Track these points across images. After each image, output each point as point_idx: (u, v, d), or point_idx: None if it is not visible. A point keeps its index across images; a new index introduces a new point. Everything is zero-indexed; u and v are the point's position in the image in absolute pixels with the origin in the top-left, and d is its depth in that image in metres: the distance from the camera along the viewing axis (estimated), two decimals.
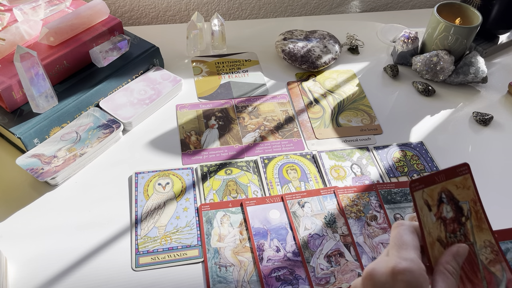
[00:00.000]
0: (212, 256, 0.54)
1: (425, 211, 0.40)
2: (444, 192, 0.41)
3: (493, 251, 0.39)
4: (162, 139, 0.68)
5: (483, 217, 0.40)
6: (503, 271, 0.39)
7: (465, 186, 0.41)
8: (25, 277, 0.51)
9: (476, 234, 0.40)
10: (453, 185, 0.41)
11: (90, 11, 0.69)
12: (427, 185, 0.40)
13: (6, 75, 0.61)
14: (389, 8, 1.04)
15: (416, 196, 0.40)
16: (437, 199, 0.40)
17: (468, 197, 0.41)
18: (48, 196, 0.60)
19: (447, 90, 0.80)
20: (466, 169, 0.41)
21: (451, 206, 0.40)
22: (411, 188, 0.41)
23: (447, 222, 0.40)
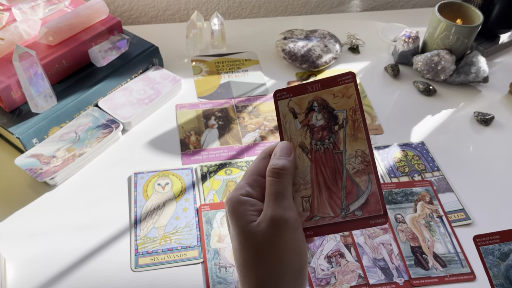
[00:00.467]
0: (212, 256, 0.54)
1: (289, 118, 0.40)
2: (316, 100, 0.40)
3: (363, 161, 0.38)
4: (162, 139, 0.68)
5: (361, 126, 0.38)
6: (369, 183, 0.37)
7: (345, 95, 0.39)
8: (24, 278, 0.51)
9: (349, 143, 0.38)
10: (330, 94, 0.39)
11: (89, 10, 0.69)
12: (296, 94, 0.40)
13: (4, 74, 0.61)
14: (390, 7, 1.04)
15: (280, 104, 0.40)
16: (306, 107, 0.40)
17: (347, 106, 0.39)
18: (47, 196, 0.59)
19: (448, 90, 0.80)
20: (349, 78, 0.39)
21: (322, 114, 0.39)
22: (275, 96, 0.40)
23: (315, 130, 0.39)
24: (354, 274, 0.53)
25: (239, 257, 0.37)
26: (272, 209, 0.36)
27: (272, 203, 0.36)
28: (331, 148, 0.39)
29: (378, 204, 0.37)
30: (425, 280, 0.53)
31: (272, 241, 0.35)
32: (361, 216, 0.37)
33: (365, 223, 0.37)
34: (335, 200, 0.38)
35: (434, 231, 0.58)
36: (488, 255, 0.40)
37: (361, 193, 0.37)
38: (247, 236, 0.36)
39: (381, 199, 0.37)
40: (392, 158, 0.67)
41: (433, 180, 0.64)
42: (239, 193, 0.38)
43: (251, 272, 0.36)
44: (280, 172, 0.37)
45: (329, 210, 0.38)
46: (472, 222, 0.59)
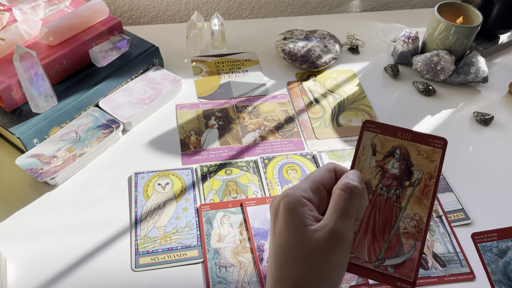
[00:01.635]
0: (212, 256, 0.54)
1: (368, 152, 0.40)
2: (400, 149, 0.39)
3: (417, 227, 0.38)
4: (162, 139, 0.68)
5: (430, 194, 0.38)
6: (412, 248, 0.38)
7: (429, 158, 0.39)
8: (24, 277, 0.51)
9: (411, 204, 0.38)
10: (416, 149, 0.39)
11: (90, 10, 0.69)
12: (384, 133, 0.40)
13: (5, 75, 0.61)
14: (389, 7, 1.04)
15: (365, 135, 0.40)
16: (388, 150, 0.39)
17: (426, 169, 0.39)
18: (47, 196, 0.60)
19: (448, 90, 0.80)
20: (441, 144, 0.39)
21: (400, 164, 0.39)
22: (363, 126, 0.40)
23: (386, 175, 0.39)
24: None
25: (283, 253, 0.37)
26: (335, 222, 0.36)
27: (336, 217, 0.36)
28: (393, 200, 0.39)
29: (412, 272, 0.37)
30: (424, 280, 0.53)
31: (326, 252, 0.35)
32: (391, 274, 0.37)
33: (393, 282, 0.37)
34: (375, 248, 0.38)
35: (434, 231, 0.58)
36: (486, 252, 0.40)
37: (402, 253, 0.38)
38: (301, 237, 0.36)
39: (416, 268, 0.37)
40: None
41: None
42: (301, 194, 0.37)
43: (293, 271, 0.36)
44: (354, 191, 0.37)
45: (366, 255, 0.38)
46: (471, 222, 0.59)
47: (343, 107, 0.75)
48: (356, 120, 0.73)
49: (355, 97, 0.77)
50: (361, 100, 0.77)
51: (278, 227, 0.38)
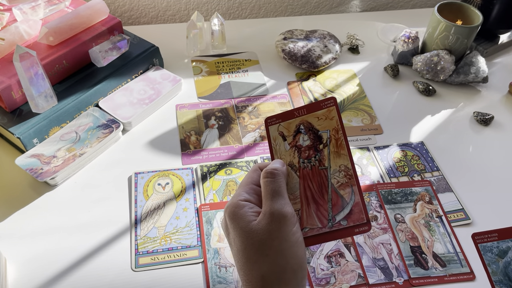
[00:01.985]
0: (212, 256, 0.54)
1: (279, 140, 0.44)
2: (303, 124, 0.43)
3: (346, 175, 0.41)
4: (162, 139, 0.68)
5: (343, 144, 0.42)
6: (352, 194, 0.40)
7: (328, 117, 0.43)
8: (24, 277, 0.51)
9: (333, 160, 0.41)
10: (315, 117, 0.43)
11: (90, 10, 0.69)
12: (284, 120, 0.44)
13: (5, 75, 0.61)
14: (389, 7, 1.04)
15: (270, 129, 0.45)
16: (294, 130, 0.43)
17: (330, 126, 0.42)
18: (47, 196, 0.59)
19: (448, 90, 0.80)
20: (331, 102, 0.43)
21: (309, 135, 0.43)
22: (266, 123, 0.45)
23: (302, 149, 0.43)
24: (354, 274, 0.53)
25: (241, 256, 0.38)
26: (270, 206, 0.38)
27: (270, 201, 0.38)
28: (317, 165, 0.42)
29: (361, 213, 0.40)
30: (424, 280, 0.53)
31: (273, 235, 0.37)
32: (346, 226, 0.40)
33: (351, 231, 0.39)
34: (322, 212, 0.40)
35: (434, 231, 0.58)
36: (486, 252, 0.40)
37: (346, 204, 0.40)
38: (249, 235, 0.37)
39: (364, 208, 0.40)
40: (391, 158, 0.67)
41: (432, 180, 0.64)
42: (238, 199, 0.40)
43: (254, 268, 0.37)
44: (274, 172, 0.40)
45: (317, 222, 0.40)
46: (471, 222, 0.59)
47: (343, 107, 0.75)
48: (356, 120, 0.73)
49: (355, 97, 0.77)
50: (361, 100, 0.77)
51: (231, 238, 0.40)
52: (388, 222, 0.58)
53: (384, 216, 0.59)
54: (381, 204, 0.60)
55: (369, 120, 0.73)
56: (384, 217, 0.59)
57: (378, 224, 0.58)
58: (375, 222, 0.58)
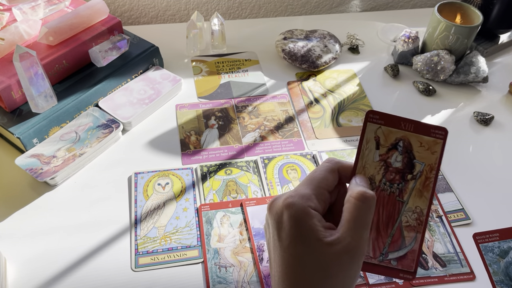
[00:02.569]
0: (212, 256, 0.54)
1: (371, 145, 0.39)
2: (403, 141, 0.39)
3: (418, 219, 0.38)
4: (162, 139, 0.68)
5: (431, 186, 0.38)
6: (414, 240, 0.38)
7: (430, 149, 0.39)
8: (24, 277, 0.51)
9: (413, 197, 0.38)
10: (418, 140, 0.39)
11: (90, 10, 0.69)
12: (387, 125, 0.39)
13: (5, 74, 0.61)
14: (389, 7, 1.04)
15: (368, 127, 0.39)
16: (391, 143, 0.39)
17: (428, 161, 0.39)
18: (47, 196, 0.59)
19: (448, 90, 0.80)
20: (442, 134, 0.39)
21: (403, 157, 0.39)
22: (367, 117, 0.39)
23: (389, 169, 0.39)
24: None
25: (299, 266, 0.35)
26: (352, 237, 0.35)
27: (353, 230, 0.35)
28: (396, 194, 0.39)
29: (413, 262, 0.38)
30: (424, 280, 0.53)
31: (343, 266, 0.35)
32: (394, 266, 0.38)
33: (395, 273, 0.38)
34: (379, 243, 0.38)
35: (434, 231, 0.58)
36: (488, 253, 0.40)
37: (404, 246, 0.38)
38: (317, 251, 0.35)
39: (417, 259, 0.38)
40: None
41: None
42: (307, 204, 0.36)
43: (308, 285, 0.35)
44: (371, 200, 0.36)
45: (371, 250, 0.38)
46: (471, 222, 0.59)
47: (343, 107, 0.75)
48: (356, 120, 0.73)
49: (355, 97, 0.77)
50: (361, 100, 0.77)
51: (285, 239, 0.36)
52: None
53: None
54: None
55: None
56: None
57: None
58: None
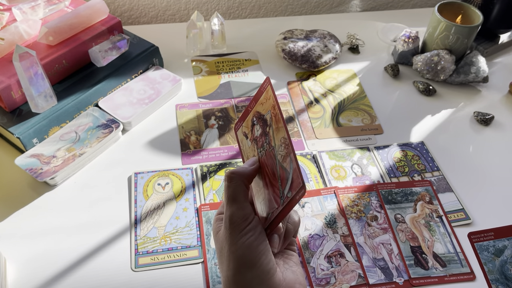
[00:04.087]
0: (212, 256, 0.54)
1: (244, 141, 0.44)
2: (254, 116, 0.43)
3: (285, 146, 0.39)
4: (162, 139, 0.68)
5: (279, 117, 0.40)
6: (290, 163, 0.38)
7: (267, 99, 0.42)
8: (24, 277, 0.51)
9: (276, 137, 0.40)
10: (260, 104, 0.43)
11: (90, 10, 0.69)
12: (244, 119, 0.44)
13: (5, 74, 0.61)
14: (389, 7, 1.04)
15: (238, 134, 0.45)
16: (250, 125, 0.44)
17: (270, 106, 0.41)
18: (47, 196, 0.59)
19: (448, 90, 0.80)
20: (266, 83, 0.42)
21: (259, 124, 0.42)
22: (235, 130, 0.46)
23: (257, 140, 0.42)
24: (354, 274, 0.53)
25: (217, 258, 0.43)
26: (226, 212, 0.40)
27: (228, 207, 0.40)
28: (268, 148, 0.41)
29: (298, 178, 0.37)
30: (424, 280, 0.53)
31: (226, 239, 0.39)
32: (291, 196, 0.38)
33: (294, 201, 0.38)
34: (276, 193, 0.39)
35: (434, 231, 0.58)
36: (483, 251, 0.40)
37: (288, 174, 0.38)
38: (216, 242, 0.42)
39: (299, 173, 0.37)
40: (392, 158, 0.67)
41: (432, 180, 0.64)
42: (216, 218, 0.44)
43: (221, 272, 0.40)
44: (231, 176, 0.40)
45: (274, 203, 0.39)
46: (471, 222, 0.59)
47: (343, 107, 0.75)
48: (356, 120, 0.73)
49: (355, 97, 0.77)
50: (361, 100, 0.77)
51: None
52: (388, 222, 0.58)
53: (384, 216, 0.59)
54: (381, 204, 0.60)
55: (369, 120, 0.73)
56: (384, 217, 0.59)
57: (378, 224, 0.58)
58: (375, 222, 0.58)
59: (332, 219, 0.58)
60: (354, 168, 0.65)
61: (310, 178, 0.64)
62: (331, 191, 0.61)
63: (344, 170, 0.65)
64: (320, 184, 0.63)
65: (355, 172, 0.65)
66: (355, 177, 0.64)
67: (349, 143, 0.69)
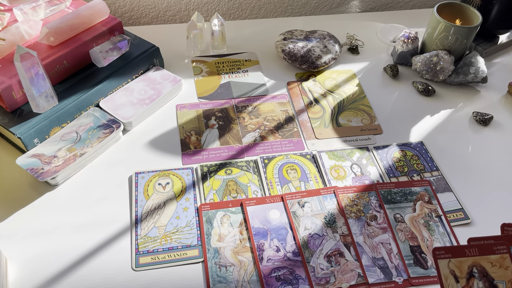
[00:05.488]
0: (212, 256, 0.54)
1: (451, 281, 0.40)
2: (476, 266, 0.40)
3: None
4: (162, 139, 0.68)
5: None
6: None
7: (502, 265, 0.40)
8: (25, 277, 0.51)
9: None
10: (488, 261, 0.40)
11: (90, 11, 0.70)
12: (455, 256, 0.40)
13: (6, 75, 0.61)
14: (389, 8, 1.04)
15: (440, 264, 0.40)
16: (467, 272, 0.40)
17: (506, 277, 0.39)
18: (48, 196, 0.60)
19: (447, 90, 0.80)
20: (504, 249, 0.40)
21: (483, 282, 0.39)
22: (434, 255, 0.40)
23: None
24: (354, 273, 0.54)
25: None
26: None
27: None
28: None
29: None
30: (424, 279, 0.53)
31: None
32: None
33: None
34: None
35: (433, 231, 0.58)
36: None
37: None
38: None
39: None
40: (391, 158, 0.67)
41: (432, 180, 0.64)
42: None
43: None
44: None
45: None
46: (470, 222, 0.60)
47: (343, 107, 0.76)
48: (355, 120, 0.73)
49: (354, 97, 0.78)
50: (360, 100, 0.77)
51: None
52: (387, 221, 0.59)
53: (384, 215, 0.59)
54: (380, 204, 0.60)
55: (368, 120, 0.73)
56: (384, 216, 0.59)
57: (377, 224, 0.58)
58: (374, 221, 0.59)
59: (332, 218, 0.59)
60: (354, 168, 0.66)
61: (310, 178, 0.64)
62: (331, 191, 0.62)
63: (343, 170, 0.65)
64: (319, 184, 0.63)
65: (354, 172, 0.65)
66: (355, 177, 0.64)
67: (349, 143, 0.70)
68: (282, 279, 0.52)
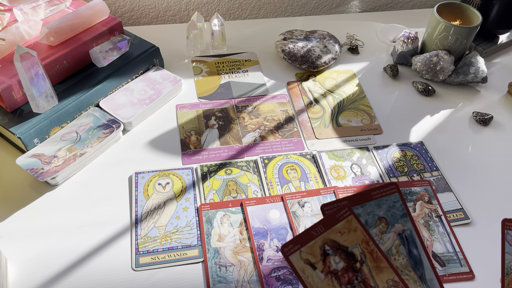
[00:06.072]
0: (212, 256, 0.54)
1: (308, 271, 0.37)
2: (327, 243, 0.37)
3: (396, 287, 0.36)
4: (162, 139, 0.68)
5: (379, 255, 0.36)
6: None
7: (350, 229, 0.37)
8: (25, 277, 0.51)
9: (377, 276, 0.36)
10: (336, 232, 0.37)
11: (90, 11, 0.70)
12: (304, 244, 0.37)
13: (6, 75, 0.61)
14: (389, 8, 1.04)
15: (292, 259, 0.37)
16: (320, 253, 0.37)
17: (358, 239, 0.37)
18: (48, 196, 0.60)
19: (447, 90, 0.80)
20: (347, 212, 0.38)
21: (339, 255, 0.37)
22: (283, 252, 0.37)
23: (339, 274, 0.37)
24: None
25: None
26: None
27: None
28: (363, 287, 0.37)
29: None
30: None
31: None
32: None
33: None
34: None
35: (433, 231, 0.58)
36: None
37: None
38: None
39: None
40: (391, 158, 0.67)
41: (432, 180, 0.64)
42: None
43: None
44: None
45: None
46: (470, 222, 0.60)
47: (343, 107, 0.76)
48: (355, 120, 0.73)
49: (354, 97, 0.78)
50: (360, 100, 0.77)
51: None
52: None
53: None
54: None
55: (368, 120, 0.73)
56: None
57: None
58: None
59: None
60: (354, 168, 0.66)
61: (310, 178, 0.64)
62: (331, 191, 0.62)
63: (343, 170, 0.65)
64: (319, 184, 0.63)
65: (354, 172, 0.65)
66: (355, 177, 0.64)
67: (349, 143, 0.70)
68: (282, 279, 0.52)
